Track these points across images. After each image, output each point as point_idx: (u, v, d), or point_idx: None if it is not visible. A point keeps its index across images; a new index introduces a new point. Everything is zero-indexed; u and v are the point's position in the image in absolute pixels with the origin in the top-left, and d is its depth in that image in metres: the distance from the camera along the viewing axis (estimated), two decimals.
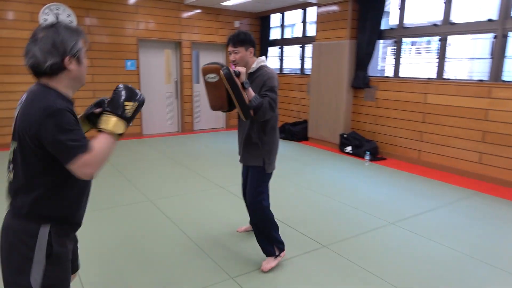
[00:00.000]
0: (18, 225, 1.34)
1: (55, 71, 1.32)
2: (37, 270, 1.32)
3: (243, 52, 2.51)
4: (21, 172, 1.33)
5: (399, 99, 5.83)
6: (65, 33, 1.33)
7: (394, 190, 4.46)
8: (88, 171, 1.26)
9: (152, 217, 3.51)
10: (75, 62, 1.36)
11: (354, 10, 6.21)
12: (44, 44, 1.29)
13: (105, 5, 6.65)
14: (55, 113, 1.24)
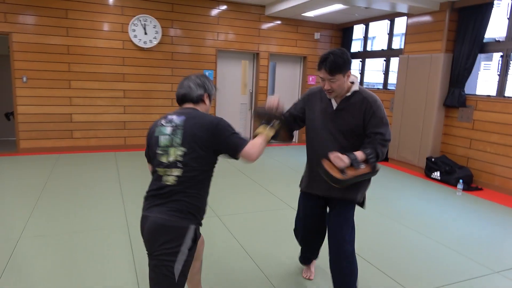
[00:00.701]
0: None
1: (198, 100, 1.88)
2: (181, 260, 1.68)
3: (341, 79, 2.05)
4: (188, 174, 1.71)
5: (501, 121, 5.04)
6: (210, 81, 1.95)
7: (496, 229, 3.77)
8: (254, 154, 1.74)
9: (218, 235, 3.33)
10: (208, 100, 1.93)
11: (452, 20, 5.57)
12: (198, 80, 1.89)
13: (188, 17, 6.82)
14: (222, 120, 1.78)
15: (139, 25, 6.44)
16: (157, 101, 6.83)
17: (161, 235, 1.65)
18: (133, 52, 6.54)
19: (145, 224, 1.71)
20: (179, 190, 1.69)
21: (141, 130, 6.78)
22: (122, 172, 5.20)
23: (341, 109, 2.17)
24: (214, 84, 1.98)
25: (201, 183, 1.75)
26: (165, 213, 1.67)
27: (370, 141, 2.10)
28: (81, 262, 2.74)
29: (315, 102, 2.28)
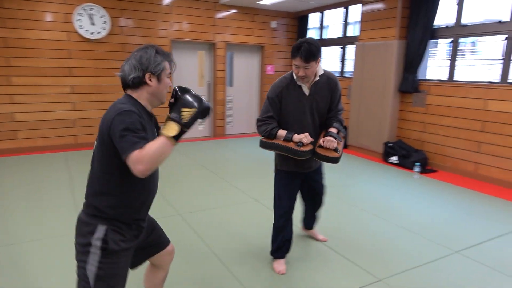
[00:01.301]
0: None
1: (137, 84, 1.54)
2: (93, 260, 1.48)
3: (314, 66, 2.30)
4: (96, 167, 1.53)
5: (453, 105, 5.24)
6: (152, 54, 1.54)
7: (453, 209, 3.91)
8: (140, 168, 1.35)
9: (181, 234, 3.19)
10: (155, 79, 1.55)
11: (404, 7, 5.68)
12: (133, 60, 1.53)
13: (139, 6, 6.47)
14: (123, 113, 1.42)
15: (85, 14, 6.02)
16: (110, 95, 6.46)
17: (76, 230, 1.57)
18: (80, 44, 6.11)
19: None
20: (89, 187, 1.57)
21: (93, 127, 6.40)
22: (74, 173, 4.87)
23: (314, 93, 2.43)
24: (164, 52, 1.58)
25: (109, 184, 1.51)
26: (83, 209, 1.59)
27: (333, 115, 2.50)
28: (30, 276, 2.50)
29: (287, 94, 2.43)
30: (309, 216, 3.00)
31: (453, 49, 5.34)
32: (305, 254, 2.88)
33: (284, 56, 8.19)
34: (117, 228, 1.52)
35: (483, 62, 5.50)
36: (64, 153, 5.97)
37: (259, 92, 8.17)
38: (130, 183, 1.52)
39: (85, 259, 1.48)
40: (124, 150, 1.38)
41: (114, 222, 1.52)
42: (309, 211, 2.98)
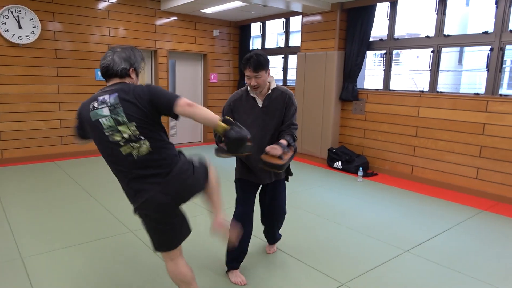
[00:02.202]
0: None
1: (123, 74, 1.81)
2: None
3: (264, 75, 2.39)
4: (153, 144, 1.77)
5: (389, 112, 5.63)
6: (139, 55, 1.89)
7: (396, 210, 4.18)
8: (190, 110, 1.72)
9: (133, 252, 3.00)
10: (135, 76, 1.87)
11: (342, 20, 6.00)
12: (123, 54, 1.81)
13: (73, 9, 6.06)
14: (151, 84, 1.80)
15: (11, 17, 5.49)
16: (41, 105, 5.94)
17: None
18: (6, 49, 5.55)
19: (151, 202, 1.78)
20: (157, 157, 1.76)
21: (21, 140, 5.83)
22: (2, 192, 4.38)
23: (267, 105, 2.49)
24: (144, 59, 1.91)
25: (166, 144, 1.82)
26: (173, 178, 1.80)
27: (286, 128, 2.51)
28: None
29: (240, 106, 2.51)
30: (266, 230, 2.97)
31: (386, 60, 5.75)
32: (264, 262, 2.87)
33: (227, 64, 8.20)
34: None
35: (408, 72, 5.99)
36: None
37: (202, 100, 8.07)
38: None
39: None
40: (174, 97, 1.72)
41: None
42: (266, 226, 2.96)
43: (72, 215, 3.73)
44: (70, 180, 4.91)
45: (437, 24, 5.07)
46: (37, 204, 4.01)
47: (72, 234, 3.29)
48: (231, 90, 8.33)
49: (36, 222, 3.54)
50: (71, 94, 6.20)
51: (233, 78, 8.34)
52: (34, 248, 3.00)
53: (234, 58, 8.27)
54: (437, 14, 5.06)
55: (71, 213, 3.78)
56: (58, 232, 3.33)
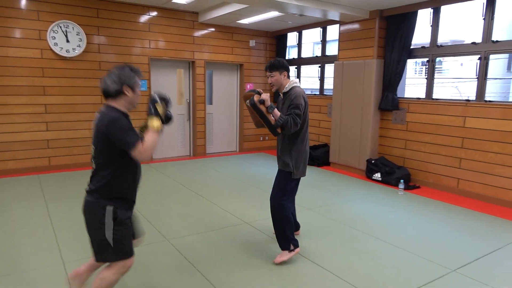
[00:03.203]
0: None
1: (117, 94, 1.99)
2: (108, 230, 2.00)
3: (277, 75, 3.00)
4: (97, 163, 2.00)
5: (433, 122, 5.38)
6: (127, 71, 2.01)
7: (441, 226, 3.95)
8: (145, 155, 1.90)
9: (173, 260, 3.02)
10: (131, 90, 2.02)
11: (381, 28, 5.84)
12: (113, 76, 1.98)
13: (116, 23, 6.32)
14: (115, 120, 1.91)
15: (60, 32, 5.81)
16: (86, 115, 6.20)
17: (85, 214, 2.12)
18: (54, 62, 5.87)
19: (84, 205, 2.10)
20: (94, 178, 2.04)
21: (67, 148, 6.11)
22: (49, 197, 4.58)
23: (283, 100, 3.06)
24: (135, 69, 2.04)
25: (110, 175, 1.99)
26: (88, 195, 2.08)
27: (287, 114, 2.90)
28: None
29: (277, 96, 3.43)
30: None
31: (429, 68, 5.52)
32: (302, 276, 2.78)
33: (263, 74, 8.21)
34: (117, 209, 2.02)
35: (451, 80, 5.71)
36: (37, 175, 5.64)
37: (238, 110, 8.12)
38: (124, 167, 2.02)
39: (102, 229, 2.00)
40: (129, 148, 1.88)
41: (117, 204, 2.02)
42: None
43: None
44: None
45: (484, 30, 4.81)
46: (80, 210, 4.15)
47: None
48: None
49: (78, 228, 3.66)
50: None
51: (269, 88, 8.33)
52: (75, 254, 3.09)
53: None
54: (485, 19, 4.80)
55: None
56: None
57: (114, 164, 1.97)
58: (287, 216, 3.00)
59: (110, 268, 2.06)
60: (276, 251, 3.16)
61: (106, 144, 1.92)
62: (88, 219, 2.08)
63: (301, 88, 3.02)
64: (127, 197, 2.08)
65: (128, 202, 2.11)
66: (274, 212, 3.02)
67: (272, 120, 2.82)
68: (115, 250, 2.02)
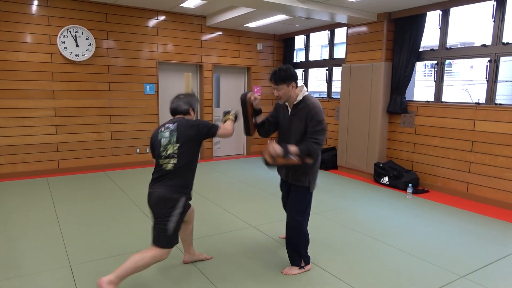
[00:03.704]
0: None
1: (186, 113, 2.67)
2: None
3: (285, 88, 2.68)
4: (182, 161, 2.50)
5: (442, 125, 5.31)
6: (195, 99, 2.77)
7: (450, 231, 3.89)
8: (230, 132, 2.73)
9: (176, 264, 3.01)
10: (193, 112, 2.73)
11: (389, 30, 5.80)
12: (185, 99, 2.70)
13: (124, 28, 6.38)
14: (204, 123, 2.59)
15: (69, 36, 5.88)
16: (94, 118, 6.26)
17: (160, 203, 2.45)
18: (64, 66, 5.94)
19: (151, 197, 2.49)
20: (175, 173, 2.46)
21: (76, 151, 6.17)
22: (57, 200, 4.62)
23: (293, 114, 2.75)
24: (198, 99, 2.80)
25: (190, 167, 2.55)
26: (165, 188, 2.46)
27: (308, 138, 2.63)
28: None
29: (280, 109, 2.92)
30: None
31: (438, 71, 5.46)
32: (304, 283, 2.76)
33: None
34: (188, 199, 2.59)
35: (461, 83, 5.64)
36: (45, 178, 5.70)
37: None
38: (195, 168, 2.62)
39: (167, 219, 2.43)
40: (213, 132, 2.58)
41: (189, 195, 2.61)
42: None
43: (120, 225, 3.84)
44: (119, 191, 5.10)
45: (494, 32, 4.75)
46: (88, 212, 4.19)
47: (119, 243, 3.38)
48: (274, 103, 8.30)
49: (85, 230, 3.69)
50: (121, 108, 6.49)
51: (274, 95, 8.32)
52: (82, 256, 3.10)
53: None
54: (494, 21, 4.74)
55: (119, 223, 3.90)
56: (105, 241, 3.44)
57: (196, 157, 2.65)
58: (303, 233, 2.83)
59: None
60: (282, 257, 3.14)
61: (195, 139, 2.55)
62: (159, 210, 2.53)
63: (313, 97, 2.75)
64: (192, 187, 2.71)
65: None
66: (290, 228, 2.84)
67: (295, 161, 2.58)
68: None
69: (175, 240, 2.47)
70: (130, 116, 6.59)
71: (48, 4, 5.73)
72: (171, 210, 2.41)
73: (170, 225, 2.40)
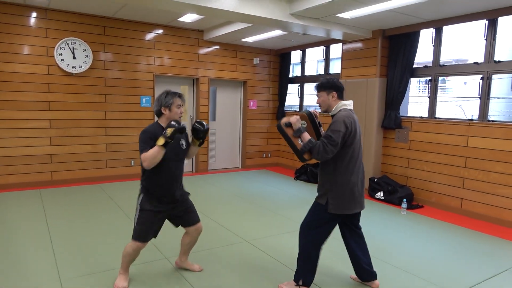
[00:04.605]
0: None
1: (158, 114, 2.71)
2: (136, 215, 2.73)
3: (324, 96, 2.74)
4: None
5: (435, 141, 5.35)
6: (165, 95, 2.67)
7: (444, 247, 3.89)
8: (145, 164, 2.53)
9: (168, 280, 2.98)
10: (168, 110, 2.67)
11: (384, 47, 5.89)
12: (156, 100, 2.70)
13: (122, 41, 6.43)
14: (142, 133, 2.64)
15: (67, 48, 5.91)
16: (89, 130, 6.25)
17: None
18: (60, 77, 5.96)
19: None
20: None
21: (70, 163, 6.13)
22: (49, 212, 4.58)
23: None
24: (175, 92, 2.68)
25: (144, 169, 2.64)
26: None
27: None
28: None
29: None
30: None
31: (432, 87, 5.53)
32: None
33: (267, 91, 8.28)
34: (147, 199, 2.70)
35: (455, 99, 5.71)
36: (38, 190, 5.65)
37: (242, 127, 8.15)
38: (155, 173, 2.66)
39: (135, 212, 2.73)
40: (140, 154, 2.58)
41: (151, 195, 2.71)
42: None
43: (112, 239, 3.80)
44: (112, 203, 5.06)
45: (486, 50, 4.84)
46: (80, 226, 4.15)
47: (111, 258, 3.34)
48: (270, 116, 8.36)
49: (77, 244, 3.64)
50: (117, 120, 6.49)
51: (272, 105, 8.39)
52: (73, 271, 3.06)
53: (274, 85, 8.34)
54: (486, 40, 4.83)
55: (111, 237, 3.86)
56: (97, 255, 3.40)
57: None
58: (307, 249, 2.72)
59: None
60: (275, 273, 3.12)
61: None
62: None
63: (348, 111, 2.69)
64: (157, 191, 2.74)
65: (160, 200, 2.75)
66: (300, 243, 2.78)
67: (298, 144, 2.63)
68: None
69: (142, 236, 2.67)
70: (125, 128, 6.58)
71: (47, 16, 5.78)
72: (137, 205, 2.72)
73: (135, 218, 2.71)
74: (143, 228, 2.66)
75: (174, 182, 2.72)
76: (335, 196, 2.63)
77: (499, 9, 4.52)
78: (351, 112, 2.71)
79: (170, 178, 2.69)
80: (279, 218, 4.63)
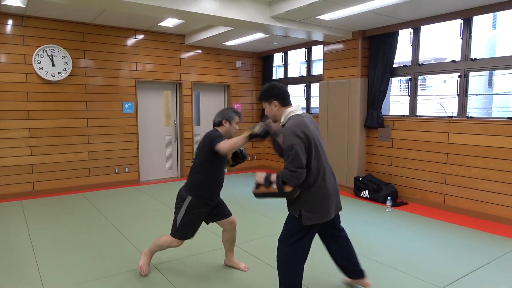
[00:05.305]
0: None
1: (218, 125, 2.97)
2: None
3: (267, 107, 2.58)
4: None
5: (417, 139, 5.45)
6: (230, 111, 3.00)
7: (429, 242, 3.95)
8: (224, 147, 2.70)
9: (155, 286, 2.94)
10: (228, 123, 2.96)
11: (364, 47, 5.98)
12: (221, 112, 3.00)
13: (102, 47, 6.35)
14: (213, 136, 2.83)
15: (45, 56, 5.81)
16: (71, 138, 6.14)
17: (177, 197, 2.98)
18: (39, 86, 5.84)
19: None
20: (189, 174, 2.96)
21: (52, 172, 6.01)
22: (31, 223, 4.47)
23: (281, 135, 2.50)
24: (237, 111, 3.01)
25: (199, 171, 2.88)
26: (184, 185, 2.98)
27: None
28: None
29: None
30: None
31: (412, 86, 5.63)
32: None
33: (250, 94, 8.29)
34: (196, 199, 2.88)
35: (435, 97, 5.83)
36: (19, 201, 5.51)
37: None
38: (210, 174, 2.89)
39: (177, 211, 2.93)
40: (215, 142, 2.74)
41: (199, 196, 2.89)
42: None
43: (97, 249, 3.74)
44: (96, 212, 4.97)
45: (463, 48, 4.96)
46: (63, 236, 4.06)
47: (96, 268, 3.28)
48: (254, 119, 8.37)
49: (61, 255, 3.57)
50: (99, 127, 6.40)
51: (256, 108, 8.41)
52: (57, 282, 2.99)
53: (257, 88, 8.36)
54: (462, 39, 4.95)
55: (96, 246, 3.79)
56: (81, 265, 3.33)
57: (208, 165, 2.89)
58: (285, 267, 2.47)
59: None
60: (264, 278, 3.11)
61: (204, 148, 2.87)
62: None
63: (297, 119, 2.40)
64: (208, 192, 2.96)
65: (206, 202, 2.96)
66: (277, 257, 2.52)
67: (275, 189, 2.34)
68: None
69: (184, 234, 2.90)
70: (108, 136, 6.49)
71: (24, 23, 5.67)
72: (180, 206, 2.88)
73: (178, 218, 2.88)
74: (186, 229, 2.89)
75: (221, 187, 3.01)
76: (307, 208, 2.38)
77: (473, 9, 4.65)
78: (300, 117, 2.42)
79: (220, 183, 2.98)
80: (267, 221, 4.63)
